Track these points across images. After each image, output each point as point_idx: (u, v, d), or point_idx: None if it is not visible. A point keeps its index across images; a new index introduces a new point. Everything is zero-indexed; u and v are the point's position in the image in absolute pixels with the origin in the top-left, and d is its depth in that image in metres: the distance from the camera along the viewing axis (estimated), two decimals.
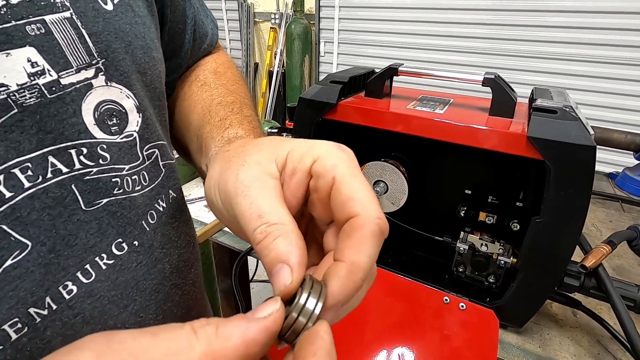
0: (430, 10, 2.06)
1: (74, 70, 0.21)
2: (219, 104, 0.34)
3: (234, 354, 0.14)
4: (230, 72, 0.41)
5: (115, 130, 0.24)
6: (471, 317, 0.49)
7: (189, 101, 0.37)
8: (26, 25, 0.19)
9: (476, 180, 0.53)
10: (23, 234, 0.19)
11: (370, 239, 0.17)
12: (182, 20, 0.36)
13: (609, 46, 1.73)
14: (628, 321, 0.41)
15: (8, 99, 0.19)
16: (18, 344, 0.19)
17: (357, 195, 0.18)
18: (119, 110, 0.24)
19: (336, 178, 0.18)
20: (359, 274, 0.17)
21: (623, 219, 0.80)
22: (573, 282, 0.45)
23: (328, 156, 0.19)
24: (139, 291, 0.26)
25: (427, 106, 0.51)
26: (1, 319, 0.19)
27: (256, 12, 2.65)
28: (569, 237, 0.41)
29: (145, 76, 0.27)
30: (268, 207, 0.18)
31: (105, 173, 0.23)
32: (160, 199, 0.28)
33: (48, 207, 0.20)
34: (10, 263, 0.19)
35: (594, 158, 0.37)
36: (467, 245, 0.52)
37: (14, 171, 0.19)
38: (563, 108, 0.41)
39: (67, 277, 0.21)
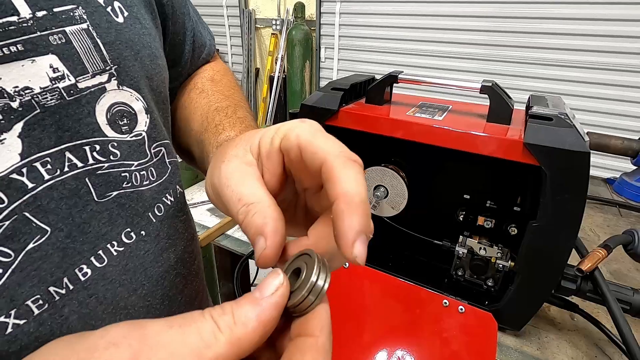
0: (430, 17, 2.08)
1: (90, 75, 0.24)
2: (215, 110, 0.37)
3: (255, 336, 0.15)
4: (226, 78, 0.44)
5: (125, 129, 0.26)
6: (470, 320, 0.50)
7: (189, 108, 0.39)
8: (49, 36, 0.21)
9: (474, 185, 0.54)
10: (43, 220, 0.21)
11: (344, 169, 0.17)
12: (182, 32, 0.39)
13: (606, 53, 1.75)
14: (624, 324, 0.42)
15: (32, 100, 0.21)
16: (40, 318, 0.21)
17: (319, 147, 0.18)
18: (129, 112, 0.26)
19: (300, 145, 0.19)
20: (356, 198, 0.17)
21: (620, 223, 0.81)
22: (570, 285, 0.46)
23: (292, 130, 0.20)
24: (147, 277, 0.28)
25: (426, 113, 0.52)
26: (25, 295, 0.21)
27: (257, 18, 2.68)
28: (565, 241, 0.42)
29: (152, 81, 0.29)
30: (245, 190, 0.20)
31: (116, 168, 0.25)
32: (168, 194, 0.30)
33: (65, 197, 0.23)
34: (32, 246, 0.21)
35: (589, 164, 0.38)
36: (466, 249, 0.53)
37: (35, 165, 0.21)
38: (558, 115, 0.42)
39: (82, 260, 0.24)
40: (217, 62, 0.46)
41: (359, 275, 0.57)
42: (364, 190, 0.17)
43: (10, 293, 0.20)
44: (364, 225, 0.17)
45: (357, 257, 0.16)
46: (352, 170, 0.17)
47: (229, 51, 2.89)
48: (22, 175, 0.21)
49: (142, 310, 0.27)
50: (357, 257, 0.16)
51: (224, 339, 0.15)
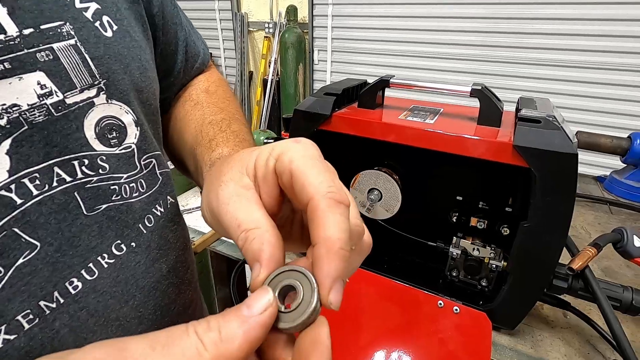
0: (422, 18, 2.10)
1: (78, 90, 0.24)
2: (209, 123, 0.37)
3: (240, 353, 0.15)
4: (222, 89, 0.43)
5: (114, 142, 0.26)
6: (465, 320, 0.51)
7: (183, 121, 0.39)
8: (37, 53, 0.22)
9: (467, 187, 0.55)
10: (32, 235, 0.22)
11: (328, 212, 0.17)
12: (174, 42, 0.39)
13: (595, 52, 1.78)
14: (614, 320, 0.43)
15: (20, 117, 0.21)
16: (30, 333, 0.21)
17: (308, 181, 0.18)
18: (119, 125, 0.27)
19: (292, 172, 0.19)
20: (336, 245, 0.17)
21: (611, 221, 0.82)
22: (561, 284, 0.47)
23: (285, 153, 0.20)
24: (139, 288, 0.28)
25: (418, 116, 0.52)
26: (15, 311, 0.21)
27: (250, 21, 2.68)
28: (556, 241, 0.43)
29: (142, 94, 0.29)
30: (244, 215, 0.19)
31: (105, 181, 0.26)
32: (158, 204, 0.30)
33: (54, 212, 0.23)
34: (22, 261, 0.21)
35: (576, 165, 0.39)
36: (460, 250, 0.54)
37: (24, 181, 0.21)
38: (546, 117, 0.43)
39: (72, 274, 0.24)
40: (212, 72, 0.46)
41: (355, 278, 0.58)
42: (344, 236, 0.17)
43: (0, 309, 0.20)
44: (341, 272, 0.17)
45: (332, 303, 0.17)
46: (336, 215, 0.17)
47: (222, 55, 2.89)
48: (11, 191, 0.21)
49: (134, 322, 0.27)
50: (332, 303, 0.17)
51: (209, 356, 0.15)
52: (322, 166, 0.19)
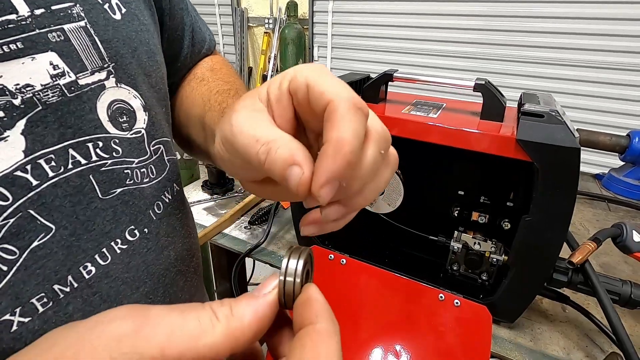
0: (423, 15, 2.09)
1: (89, 72, 0.24)
2: (217, 92, 0.37)
3: (250, 330, 0.16)
4: (226, 68, 0.44)
5: (125, 126, 0.26)
6: (465, 313, 0.51)
7: (190, 98, 0.39)
8: (48, 33, 0.22)
9: (468, 182, 0.55)
10: (48, 218, 0.22)
11: (347, 115, 0.17)
12: (181, 27, 0.38)
13: (595, 51, 1.78)
14: (613, 314, 0.43)
15: (33, 97, 0.21)
16: (44, 316, 0.22)
17: (327, 88, 0.18)
18: (128, 109, 0.27)
19: (309, 84, 0.18)
20: (345, 147, 0.16)
21: (609, 218, 0.83)
22: (561, 277, 0.48)
23: (300, 72, 0.19)
24: (149, 275, 0.28)
25: (421, 110, 0.53)
26: (30, 293, 0.21)
27: (250, 17, 2.67)
28: (557, 235, 0.43)
29: (151, 78, 0.29)
30: (261, 130, 0.18)
31: (119, 165, 0.26)
32: (167, 191, 0.31)
33: (69, 194, 0.23)
34: (37, 244, 0.21)
35: (579, 159, 0.39)
36: (461, 244, 0.54)
37: (39, 162, 0.21)
38: (549, 112, 0.43)
39: (86, 258, 0.24)
40: (216, 55, 0.46)
41: (356, 270, 0.58)
42: (356, 142, 0.17)
43: (15, 291, 0.20)
44: (340, 172, 0.17)
45: (320, 196, 0.17)
46: (354, 119, 0.17)
47: (221, 50, 2.87)
48: (26, 172, 0.21)
49: None
50: (321, 196, 0.17)
51: (220, 328, 0.16)
52: (340, 80, 0.19)
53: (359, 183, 0.19)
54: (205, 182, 0.87)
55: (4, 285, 0.20)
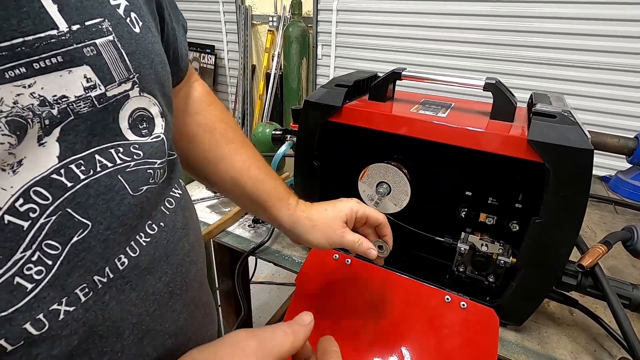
0: (428, 15, 2.08)
1: (117, 84, 0.26)
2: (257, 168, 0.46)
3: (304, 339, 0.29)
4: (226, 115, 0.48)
5: (145, 132, 0.29)
6: (472, 315, 0.50)
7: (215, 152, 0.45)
8: (84, 48, 0.23)
9: (476, 183, 0.54)
10: (84, 215, 0.24)
11: (387, 225, 0.46)
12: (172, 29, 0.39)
13: (604, 52, 1.76)
14: (624, 318, 0.42)
15: (67, 108, 0.23)
16: (86, 305, 0.24)
17: (377, 218, 0.46)
18: (148, 116, 0.29)
19: (368, 217, 0.46)
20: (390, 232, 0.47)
21: (616, 220, 0.82)
22: (571, 281, 0.47)
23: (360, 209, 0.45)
24: (169, 265, 0.30)
25: (429, 110, 0.52)
26: (74, 284, 0.23)
27: (254, 14, 2.66)
28: (568, 237, 0.43)
29: (164, 87, 0.31)
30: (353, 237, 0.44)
31: (142, 166, 0.28)
32: (175, 187, 0.33)
33: (102, 193, 0.25)
34: (77, 239, 0.23)
35: (592, 161, 0.39)
36: (468, 245, 0.54)
37: (71, 166, 0.23)
38: (562, 112, 0.42)
39: (120, 251, 0.26)
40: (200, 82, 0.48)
41: (361, 271, 0.57)
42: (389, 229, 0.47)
43: (61, 283, 0.23)
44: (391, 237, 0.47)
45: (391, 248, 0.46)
46: (388, 224, 0.47)
47: (225, 47, 2.87)
48: (61, 175, 0.23)
49: (166, 296, 0.30)
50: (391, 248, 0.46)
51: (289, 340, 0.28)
52: (372, 209, 0.46)
53: None
54: None
55: (50, 277, 0.22)
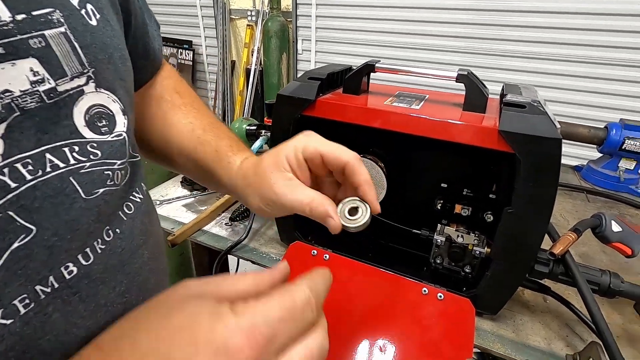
0: (408, 9, 2.09)
1: (69, 78, 0.24)
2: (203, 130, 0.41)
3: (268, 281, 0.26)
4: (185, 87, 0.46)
5: (105, 130, 0.27)
6: (449, 306, 0.51)
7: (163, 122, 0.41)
8: (29, 39, 0.22)
9: (451, 175, 0.54)
10: (28, 219, 0.22)
11: (361, 167, 0.32)
12: (142, 23, 0.38)
13: (576, 45, 1.81)
14: (593, 304, 0.43)
15: (11, 103, 0.21)
16: (25, 317, 0.22)
17: (338, 155, 0.31)
18: (107, 113, 0.27)
19: (322, 154, 0.32)
20: (370, 182, 0.32)
21: (588, 208, 0.84)
22: (543, 269, 0.48)
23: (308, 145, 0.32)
24: (125, 274, 0.29)
25: (403, 102, 0.52)
26: (12, 295, 0.21)
27: (232, 9, 2.61)
28: (539, 226, 0.43)
29: (125, 83, 0.30)
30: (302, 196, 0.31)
31: (99, 167, 0.26)
32: (135, 191, 0.31)
33: (50, 196, 0.23)
34: (18, 245, 0.21)
35: (560, 150, 0.39)
36: (444, 237, 0.54)
37: (16, 165, 0.21)
38: (531, 103, 0.43)
39: (68, 259, 0.24)
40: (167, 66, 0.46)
41: (339, 266, 0.57)
42: (369, 177, 0.32)
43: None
44: (375, 193, 0.32)
45: (377, 209, 0.32)
46: (362, 166, 0.32)
47: (203, 43, 2.81)
48: (4, 175, 0.21)
49: (120, 307, 0.28)
50: (378, 209, 0.32)
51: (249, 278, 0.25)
52: (334, 143, 0.32)
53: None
54: (184, 178, 0.84)
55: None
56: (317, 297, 0.23)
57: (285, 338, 0.21)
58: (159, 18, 0.48)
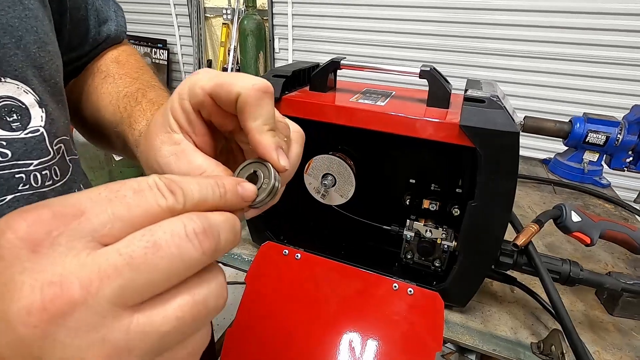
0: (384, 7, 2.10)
1: None
2: (124, 96, 0.34)
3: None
4: (133, 58, 0.40)
5: (17, 126, 0.23)
6: (419, 301, 0.51)
7: (95, 95, 0.36)
8: None
9: (419, 170, 0.55)
10: None
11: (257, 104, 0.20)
12: (84, 6, 0.35)
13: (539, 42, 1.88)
14: (554, 292, 0.45)
15: None
16: None
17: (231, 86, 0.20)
18: (19, 106, 0.23)
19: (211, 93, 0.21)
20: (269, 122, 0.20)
21: (555, 200, 0.87)
22: (507, 260, 0.49)
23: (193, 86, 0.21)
24: None
25: (369, 99, 0.52)
26: None
27: (207, 7, 2.56)
28: (501, 218, 0.44)
29: (43, 71, 0.26)
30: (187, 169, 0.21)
31: (7, 169, 0.23)
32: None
33: None
34: None
35: (518, 143, 0.40)
36: (413, 232, 0.54)
37: None
38: (490, 97, 0.43)
39: None
40: (123, 44, 0.43)
41: (311, 264, 0.57)
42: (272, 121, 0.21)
43: None
44: (277, 142, 0.21)
45: (284, 166, 0.21)
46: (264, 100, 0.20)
47: (177, 42, 2.75)
48: None
49: None
50: (285, 165, 0.21)
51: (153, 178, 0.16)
52: (232, 73, 0.21)
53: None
54: None
55: None
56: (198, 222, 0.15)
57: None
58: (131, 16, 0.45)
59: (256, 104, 0.20)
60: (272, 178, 0.21)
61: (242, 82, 0.20)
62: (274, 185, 0.21)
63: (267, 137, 0.20)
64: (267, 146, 0.20)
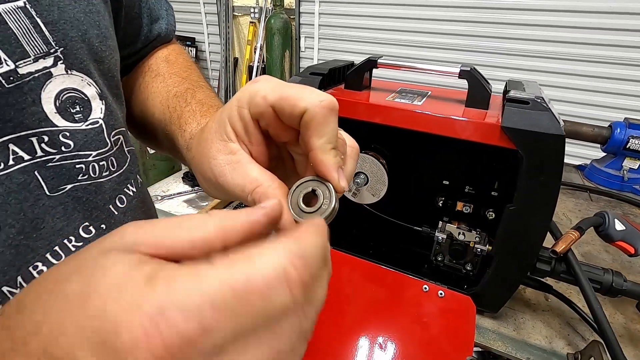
0: (411, 6, 2.08)
1: (32, 59, 0.21)
2: (174, 95, 0.34)
3: (241, 228, 0.16)
4: (182, 58, 0.41)
5: (79, 117, 0.24)
6: (450, 304, 0.51)
7: (145, 93, 0.37)
8: None
9: (453, 171, 0.54)
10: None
11: (323, 122, 0.19)
12: (137, 3, 0.36)
13: (580, 44, 1.80)
14: (595, 302, 0.43)
15: None
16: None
17: (298, 99, 0.19)
18: (82, 98, 0.24)
19: (274, 105, 0.20)
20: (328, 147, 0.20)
21: (591, 207, 0.84)
22: (545, 267, 0.47)
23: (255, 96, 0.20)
24: None
25: (405, 98, 0.51)
26: None
27: (235, 5, 2.60)
28: (541, 224, 0.43)
29: (103, 64, 0.27)
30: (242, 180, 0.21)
31: (69, 160, 0.24)
32: (130, 184, 0.29)
33: (13, 192, 0.21)
34: None
35: (564, 147, 0.39)
36: (445, 234, 0.54)
37: None
38: (535, 99, 0.42)
39: (36, 258, 0.22)
40: (173, 43, 0.44)
41: (340, 263, 0.57)
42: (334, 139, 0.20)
43: None
44: (338, 162, 0.20)
45: (344, 187, 0.21)
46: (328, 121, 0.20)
47: (206, 40, 2.80)
48: None
49: None
50: (345, 187, 0.21)
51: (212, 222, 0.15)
52: (295, 85, 0.20)
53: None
54: (186, 174, 0.85)
55: None
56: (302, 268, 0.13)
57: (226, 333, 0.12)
58: None
59: (322, 122, 0.19)
60: (333, 200, 0.20)
61: (309, 97, 0.19)
62: (334, 208, 0.20)
63: (330, 157, 0.20)
64: (329, 166, 0.20)
